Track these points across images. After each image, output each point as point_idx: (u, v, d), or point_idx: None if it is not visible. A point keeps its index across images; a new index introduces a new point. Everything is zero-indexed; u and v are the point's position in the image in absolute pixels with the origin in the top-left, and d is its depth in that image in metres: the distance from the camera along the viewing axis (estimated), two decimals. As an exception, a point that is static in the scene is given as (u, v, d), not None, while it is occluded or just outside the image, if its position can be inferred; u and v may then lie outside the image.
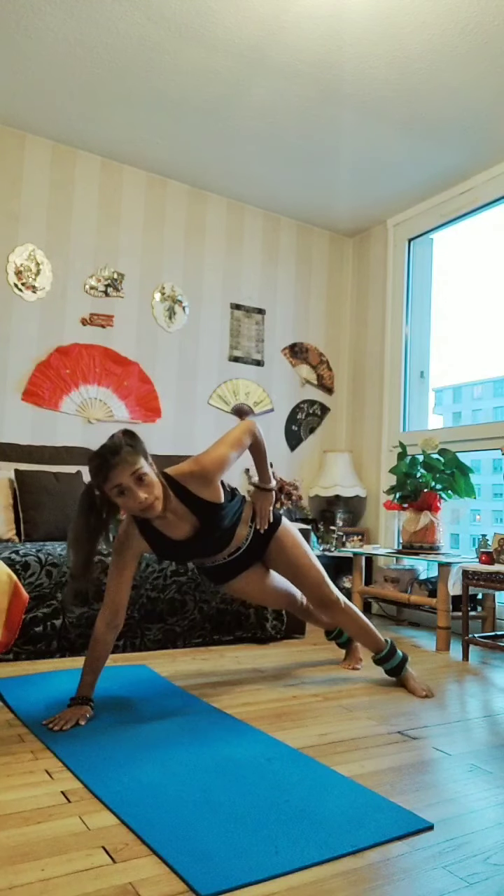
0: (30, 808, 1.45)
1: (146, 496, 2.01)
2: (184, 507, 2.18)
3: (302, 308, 4.82)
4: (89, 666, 2.11)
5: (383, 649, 2.53)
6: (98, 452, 2.02)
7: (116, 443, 2.02)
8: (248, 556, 2.45)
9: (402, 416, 4.51)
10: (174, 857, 1.24)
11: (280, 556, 2.47)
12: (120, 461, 1.98)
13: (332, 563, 4.45)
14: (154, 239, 4.24)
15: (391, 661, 2.52)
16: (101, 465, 1.99)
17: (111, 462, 1.98)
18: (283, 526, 2.49)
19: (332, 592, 2.49)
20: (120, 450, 2.00)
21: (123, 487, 2.00)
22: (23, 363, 3.79)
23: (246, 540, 2.41)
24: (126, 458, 1.99)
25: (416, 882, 1.20)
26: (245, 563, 2.47)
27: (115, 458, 1.98)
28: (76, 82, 3.35)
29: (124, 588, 2.17)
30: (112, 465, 1.98)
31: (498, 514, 7.53)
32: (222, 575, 2.50)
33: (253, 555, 2.46)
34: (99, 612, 2.16)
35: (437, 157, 3.86)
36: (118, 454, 1.99)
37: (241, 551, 2.42)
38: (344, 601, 2.51)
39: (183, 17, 2.87)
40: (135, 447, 2.03)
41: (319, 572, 2.48)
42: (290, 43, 2.99)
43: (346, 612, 2.51)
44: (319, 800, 1.51)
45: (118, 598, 2.15)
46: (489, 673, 2.86)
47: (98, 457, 2.01)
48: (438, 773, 1.72)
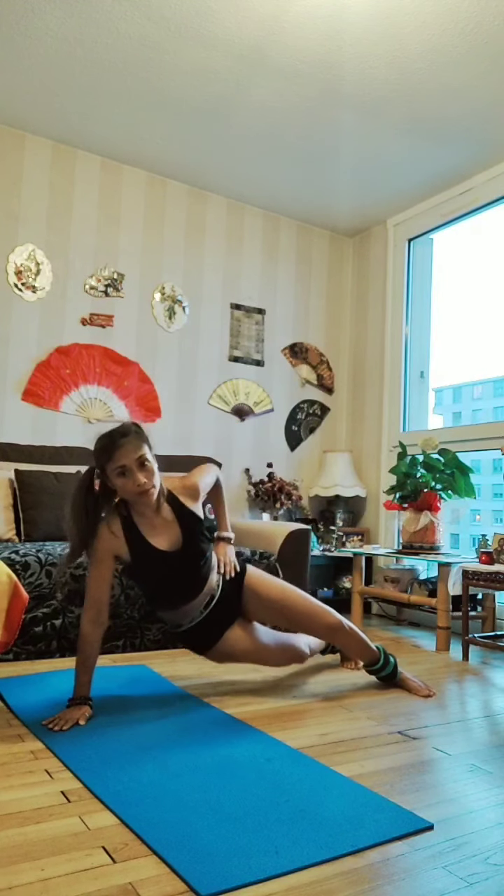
0: (30, 808, 1.45)
1: (145, 480, 2.10)
2: (172, 513, 2.24)
3: (302, 308, 4.82)
4: (82, 665, 2.10)
5: (378, 659, 2.48)
6: (107, 433, 2.14)
7: (125, 427, 2.15)
8: (225, 608, 2.33)
9: (402, 416, 4.51)
10: (174, 857, 1.24)
11: (259, 598, 2.36)
12: (127, 442, 2.10)
13: (332, 563, 4.45)
14: (154, 239, 4.24)
15: (387, 668, 2.49)
16: (108, 445, 2.10)
17: (118, 442, 2.09)
18: (250, 570, 2.41)
19: (333, 615, 2.38)
20: (128, 433, 2.13)
21: (126, 468, 2.09)
22: (23, 363, 3.79)
23: (218, 587, 2.32)
24: (133, 440, 2.11)
25: (416, 882, 1.20)
26: (224, 618, 2.34)
27: (122, 440, 2.10)
28: (76, 82, 3.35)
29: (104, 585, 2.15)
30: (119, 445, 2.08)
31: (498, 514, 7.53)
32: (205, 636, 2.35)
33: (229, 607, 2.34)
34: (82, 612, 2.15)
35: (437, 157, 3.86)
36: (126, 436, 2.11)
37: (216, 600, 2.31)
38: (347, 623, 2.41)
39: (183, 17, 2.87)
40: (141, 435, 2.16)
41: (307, 599, 2.38)
42: (290, 43, 2.99)
43: (349, 633, 2.41)
44: (319, 800, 1.51)
45: (99, 594, 2.14)
46: (489, 673, 2.86)
47: (106, 436, 2.12)
48: (438, 773, 1.72)
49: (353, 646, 2.45)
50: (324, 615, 2.37)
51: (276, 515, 4.36)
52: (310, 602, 2.38)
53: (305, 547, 3.52)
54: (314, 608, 2.38)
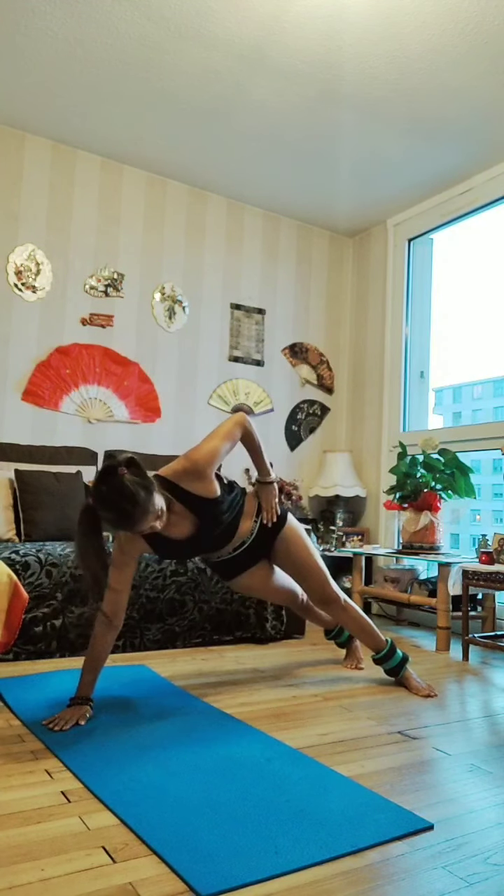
0: (30, 808, 1.45)
1: (162, 524, 2.03)
2: (181, 506, 2.18)
3: (302, 308, 4.81)
4: (88, 666, 2.11)
5: (383, 648, 2.53)
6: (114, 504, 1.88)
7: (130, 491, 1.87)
8: (254, 551, 2.45)
9: (402, 416, 4.51)
10: (174, 857, 1.24)
11: (286, 554, 2.48)
12: (143, 513, 1.90)
13: (332, 564, 4.45)
14: (154, 239, 4.24)
15: (391, 661, 2.52)
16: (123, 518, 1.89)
17: (135, 516, 1.89)
18: (290, 524, 2.50)
19: (334, 590, 2.51)
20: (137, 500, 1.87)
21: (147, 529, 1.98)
22: (23, 363, 3.79)
23: (251, 534, 2.41)
24: (147, 508, 1.91)
25: (416, 882, 1.20)
26: (251, 559, 2.48)
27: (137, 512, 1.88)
28: (76, 82, 3.35)
29: (124, 589, 2.17)
30: (137, 520, 1.90)
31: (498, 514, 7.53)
32: (229, 570, 2.51)
33: (258, 550, 2.47)
34: (98, 613, 2.16)
35: (437, 157, 3.86)
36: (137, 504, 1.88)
37: (246, 546, 2.42)
38: (344, 599, 2.53)
39: (183, 17, 2.87)
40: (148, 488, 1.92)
41: (323, 571, 2.50)
42: (290, 43, 2.99)
43: (346, 609, 2.52)
44: (319, 800, 1.50)
45: (118, 598, 2.15)
46: (489, 673, 2.86)
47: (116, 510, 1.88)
48: (438, 773, 1.72)
49: (352, 626, 2.55)
50: (325, 585, 2.49)
51: (276, 515, 4.35)
52: (323, 573, 2.51)
53: (305, 547, 3.52)
54: (322, 575, 2.49)
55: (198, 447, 2.20)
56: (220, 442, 2.21)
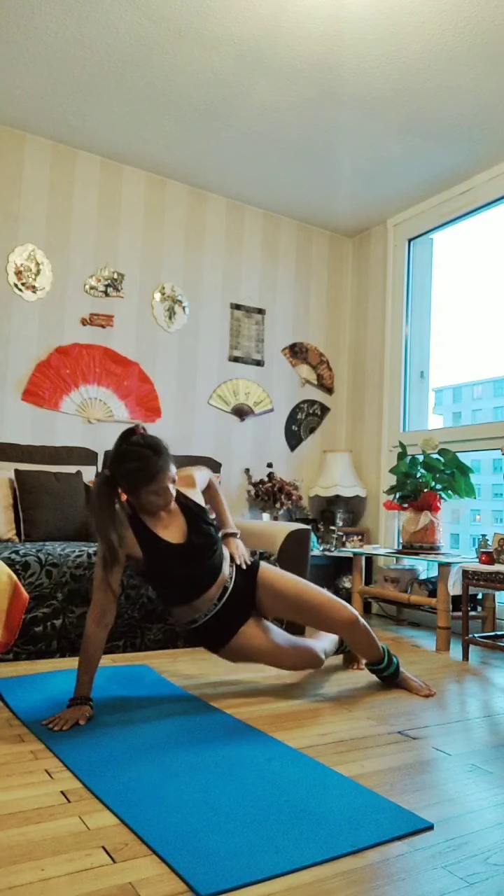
0: (30, 808, 1.45)
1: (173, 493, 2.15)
2: (175, 504, 2.30)
3: (302, 308, 4.82)
4: (84, 666, 2.10)
5: (383, 658, 2.48)
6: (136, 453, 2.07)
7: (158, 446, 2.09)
8: (238, 601, 2.32)
9: (402, 416, 4.51)
10: (174, 857, 1.24)
11: (273, 591, 2.36)
12: (164, 466, 2.07)
13: (332, 563, 4.45)
14: (154, 239, 4.24)
15: (389, 668, 2.50)
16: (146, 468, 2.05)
17: (157, 466, 2.05)
18: (263, 564, 2.43)
19: (349, 610, 2.35)
20: (161, 452, 2.08)
21: (161, 489, 2.09)
22: (23, 363, 3.79)
23: (230, 579, 2.33)
24: (167, 462, 2.09)
25: (416, 882, 1.20)
26: (239, 612, 2.33)
27: (160, 462, 2.06)
28: (76, 82, 3.35)
29: (112, 586, 2.16)
30: (159, 469, 2.06)
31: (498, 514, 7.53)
32: (220, 632, 2.33)
33: (243, 600, 2.34)
34: (88, 612, 2.15)
35: (437, 157, 3.86)
36: (160, 454, 2.07)
37: (229, 592, 2.31)
38: (362, 620, 2.38)
39: (183, 16, 2.87)
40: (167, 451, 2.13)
41: (323, 593, 2.37)
42: (290, 43, 2.99)
43: (364, 630, 2.39)
44: (319, 800, 1.50)
45: (105, 596, 2.14)
46: (489, 673, 2.86)
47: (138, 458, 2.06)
48: (438, 773, 1.72)
49: (364, 643, 2.42)
50: (339, 609, 2.34)
51: (276, 515, 4.36)
52: (325, 595, 2.37)
53: (305, 547, 3.52)
54: (329, 601, 2.35)
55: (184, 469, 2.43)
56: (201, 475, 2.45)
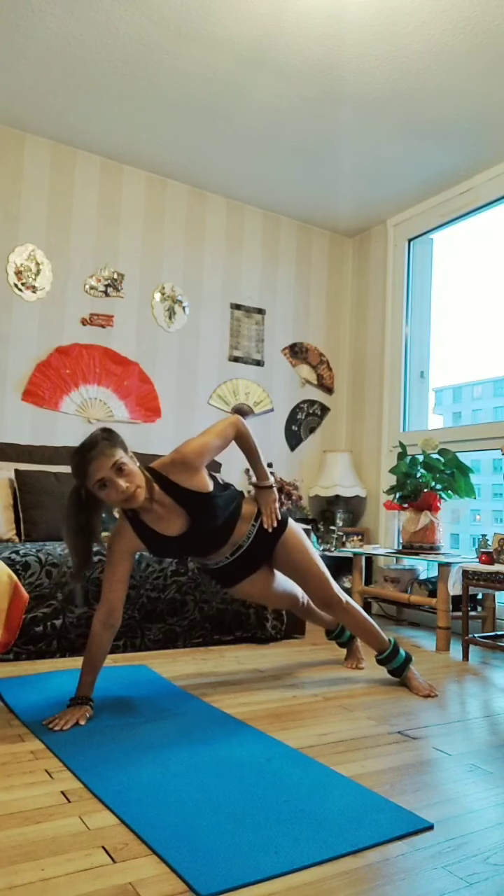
0: (30, 808, 1.45)
1: (127, 485, 2.04)
2: (170, 499, 2.18)
3: (302, 308, 4.81)
4: (87, 666, 2.11)
5: (386, 649, 2.53)
6: (76, 450, 2.06)
7: (93, 439, 2.06)
8: (252, 555, 2.43)
9: (402, 416, 4.51)
10: (174, 857, 1.24)
11: (286, 559, 2.46)
12: (98, 454, 2.02)
13: (332, 564, 4.45)
14: (154, 239, 4.24)
15: (394, 661, 2.52)
16: (81, 462, 2.03)
17: (89, 456, 2.02)
18: (290, 528, 2.48)
19: (336, 592, 2.49)
20: (97, 444, 2.04)
21: (105, 480, 2.03)
22: (23, 363, 3.79)
23: (247, 538, 2.39)
24: (104, 451, 2.03)
25: (416, 882, 1.20)
26: (249, 565, 2.45)
27: (92, 452, 2.02)
28: (76, 82, 3.35)
29: (118, 587, 2.16)
30: (90, 460, 2.01)
31: (498, 514, 7.53)
32: (227, 577, 2.49)
33: (257, 555, 2.44)
34: (95, 612, 2.16)
35: (437, 157, 3.86)
36: (95, 447, 2.03)
37: (243, 549, 2.40)
38: (346, 600, 2.51)
39: (183, 17, 2.87)
40: (111, 440, 2.07)
41: (324, 573, 2.48)
42: (290, 43, 2.99)
43: (348, 611, 2.51)
44: (319, 800, 1.51)
45: (113, 596, 2.15)
46: (489, 673, 2.86)
47: (76, 454, 2.05)
48: (438, 773, 1.72)
49: (355, 627, 2.54)
50: (326, 586, 2.47)
51: (276, 515, 4.35)
52: (324, 575, 2.49)
53: (305, 547, 3.52)
54: (323, 578, 2.48)
55: (188, 441, 2.25)
56: (211, 438, 2.25)
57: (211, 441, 2.24)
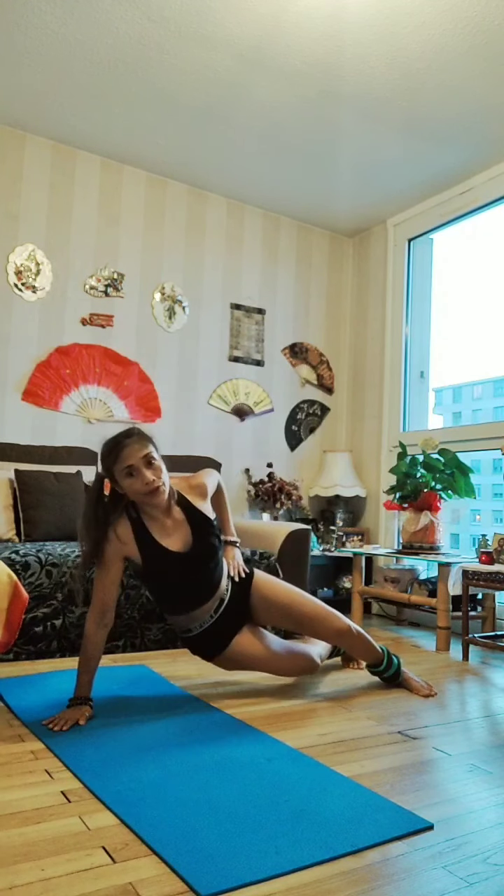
0: (30, 808, 1.45)
1: (154, 478, 2.12)
2: (182, 514, 2.26)
3: (302, 308, 4.81)
4: (84, 666, 2.10)
5: (382, 661, 2.49)
6: (111, 437, 2.17)
7: (129, 429, 2.20)
8: (234, 612, 2.32)
9: (402, 416, 4.51)
10: (174, 857, 1.24)
11: (266, 601, 2.36)
12: (132, 442, 2.12)
13: (332, 563, 4.45)
14: (154, 239, 4.24)
15: (390, 669, 2.50)
16: (114, 447, 2.12)
17: (123, 443, 2.12)
18: (258, 574, 2.42)
19: (342, 620, 2.39)
20: (132, 434, 2.16)
21: (133, 468, 2.10)
22: (23, 363, 3.79)
23: (227, 591, 2.33)
24: (137, 440, 2.14)
25: (416, 882, 1.20)
26: (233, 623, 2.33)
27: (127, 440, 2.13)
28: (76, 82, 3.35)
29: (111, 587, 2.16)
30: (124, 445, 2.11)
31: (498, 514, 7.53)
32: (214, 642, 2.33)
33: (238, 611, 2.34)
34: (88, 612, 2.16)
35: (437, 157, 3.86)
36: (130, 437, 2.14)
37: (225, 604, 2.31)
38: (355, 627, 2.41)
39: (183, 17, 2.87)
40: (145, 436, 2.20)
41: (315, 603, 2.39)
42: (290, 43, 2.99)
43: (357, 637, 2.41)
44: (319, 800, 1.51)
45: (106, 598, 2.15)
46: (489, 673, 2.86)
47: (111, 440, 2.16)
48: (438, 773, 1.72)
49: (360, 648, 2.46)
50: (332, 619, 2.37)
51: (276, 515, 4.36)
52: (318, 606, 2.39)
53: (305, 547, 3.52)
54: (322, 612, 2.37)
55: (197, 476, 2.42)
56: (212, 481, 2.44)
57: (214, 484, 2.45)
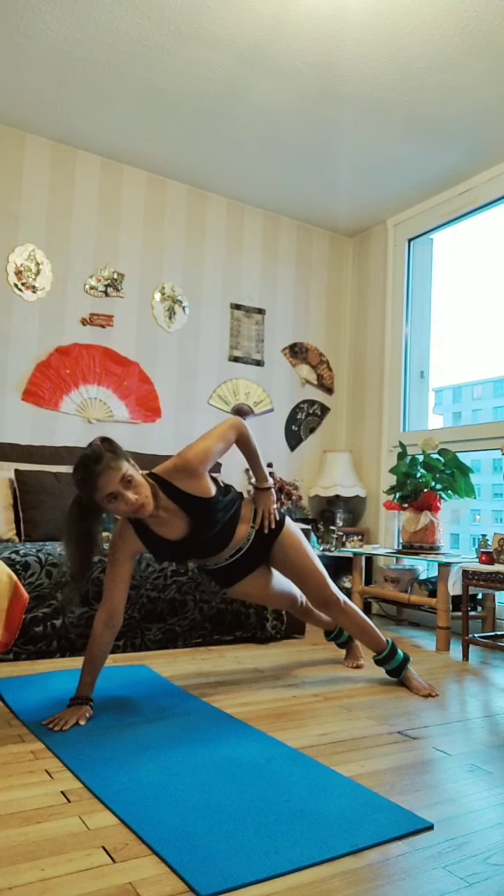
0: (30, 808, 1.45)
1: (136, 497, 2.01)
2: (174, 504, 2.18)
3: (302, 308, 4.81)
4: (88, 666, 2.11)
5: (384, 649, 2.53)
6: (81, 464, 1.99)
7: (97, 451, 1.99)
8: (251, 557, 2.43)
9: (402, 416, 4.51)
10: (174, 857, 1.24)
11: (284, 559, 2.46)
12: (105, 468, 1.96)
13: (332, 563, 4.45)
14: (154, 239, 4.24)
15: (392, 662, 2.52)
16: (87, 477, 1.96)
17: (96, 470, 1.95)
18: (287, 528, 2.48)
19: (334, 593, 2.49)
20: (101, 457, 1.97)
21: (114, 494, 1.99)
22: (23, 363, 3.79)
23: (247, 540, 2.40)
24: (110, 464, 1.97)
25: (416, 882, 1.20)
26: (248, 565, 2.46)
27: (98, 466, 1.96)
28: (76, 82, 3.35)
29: (120, 588, 2.17)
30: (98, 473, 1.95)
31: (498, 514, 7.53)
32: (226, 577, 2.50)
33: (256, 556, 2.45)
34: (97, 613, 2.16)
35: (437, 157, 3.86)
36: (100, 462, 1.96)
37: (243, 552, 2.41)
38: (344, 600, 2.51)
39: (183, 17, 2.87)
40: (115, 452, 2.02)
41: (322, 574, 2.48)
42: (290, 43, 2.99)
43: (345, 611, 2.51)
44: (319, 800, 1.51)
45: (114, 597, 2.15)
46: (489, 673, 2.86)
47: (82, 468, 1.98)
48: (438, 773, 1.72)
49: (352, 627, 2.54)
50: (327, 590, 2.48)
51: (276, 515, 4.35)
52: (322, 575, 2.49)
53: (305, 547, 3.52)
54: (322, 581, 2.48)
55: (191, 446, 2.22)
56: (214, 442, 2.22)
57: (213, 445, 2.22)
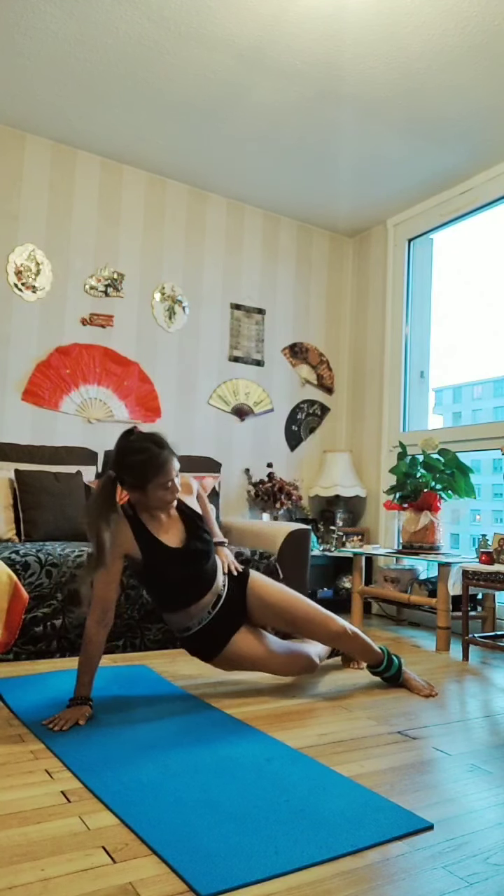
0: (30, 808, 1.45)
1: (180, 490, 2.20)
2: (175, 511, 2.33)
3: (302, 308, 4.81)
4: (84, 666, 2.10)
5: (382, 660, 2.49)
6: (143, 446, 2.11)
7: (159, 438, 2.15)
8: (231, 609, 2.33)
9: (402, 416, 4.51)
10: (174, 857, 1.24)
11: (262, 601, 2.37)
12: (170, 455, 2.13)
13: (332, 563, 4.45)
14: (154, 239, 4.24)
15: (390, 670, 2.50)
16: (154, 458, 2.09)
17: (165, 455, 2.11)
18: (253, 574, 2.45)
19: (337, 622, 2.39)
20: (163, 444, 2.13)
21: (171, 482, 2.14)
22: (23, 363, 3.79)
23: (224, 588, 2.34)
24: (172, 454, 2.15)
25: (416, 882, 1.20)
26: (231, 621, 2.33)
27: (166, 452, 2.12)
28: (76, 82, 3.35)
29: (111, 586, 2.16)
30: (167, 458, 2.11)
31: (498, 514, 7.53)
32: (213, 640, 2.33)
33: (235, 609, 2.35)
34: (89, 612, 2.15)
35: (437, 157, 3.86)
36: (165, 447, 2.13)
37: (223, 600, 2.31)
38: (351, 629, 2.42)
39: (183, 17, 2.87)
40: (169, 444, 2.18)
41: (310, 605, 2.39)
42: (290, 43, 2.99)
43: (354, 638, 2.42)
44: (319, 800, 1.51)
45: (108, 596, 2.15)
46: (489, 673, 2.86)
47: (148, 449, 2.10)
48: (438, 773, 1.72)
49: (357, 650, 2.46)
50: (327, 622, 2.38)
51: (276, 515, 4.36)
52: (313, 608, 2.39)
53: (305, 547, 3.52)
54: (317, 614, 2.38)
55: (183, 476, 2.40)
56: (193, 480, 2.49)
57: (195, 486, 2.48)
